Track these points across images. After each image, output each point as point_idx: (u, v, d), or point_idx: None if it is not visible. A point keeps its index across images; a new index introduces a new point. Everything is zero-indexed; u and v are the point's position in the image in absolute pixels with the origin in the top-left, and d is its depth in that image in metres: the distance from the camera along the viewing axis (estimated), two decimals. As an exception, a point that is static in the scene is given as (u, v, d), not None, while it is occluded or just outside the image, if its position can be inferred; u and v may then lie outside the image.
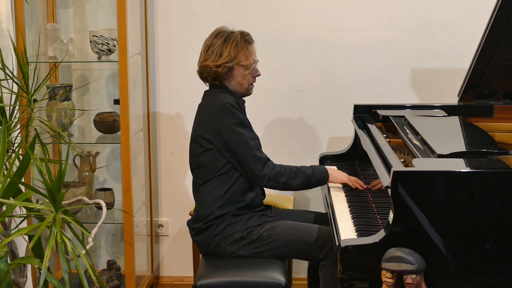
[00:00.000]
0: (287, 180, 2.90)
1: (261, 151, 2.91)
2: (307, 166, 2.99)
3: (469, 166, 2.39)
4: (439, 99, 3.62)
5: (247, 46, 2.96)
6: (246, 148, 2.87)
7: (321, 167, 3.03)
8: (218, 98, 2.92)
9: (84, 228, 2.39)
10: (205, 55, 2.96)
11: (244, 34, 2.97)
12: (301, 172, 2.93)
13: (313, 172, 2.95)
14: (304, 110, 3.74)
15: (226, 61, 2.91)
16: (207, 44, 2.98)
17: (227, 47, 2.92)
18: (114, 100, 3.51)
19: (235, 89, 2.98)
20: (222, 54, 2.91)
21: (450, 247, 2.30)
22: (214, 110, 2.90)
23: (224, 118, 2.87)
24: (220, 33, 2.97)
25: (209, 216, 2.93)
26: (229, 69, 2.93)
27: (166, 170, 3.86)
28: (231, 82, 2.96)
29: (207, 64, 2.93)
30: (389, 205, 2.38)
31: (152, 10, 3.70)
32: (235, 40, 2.93)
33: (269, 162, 2.90)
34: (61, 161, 2.30)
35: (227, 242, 2.91)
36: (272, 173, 2.88)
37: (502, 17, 2.81)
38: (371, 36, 3.64)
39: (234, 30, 2.97)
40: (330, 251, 2.81)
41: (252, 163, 2.87)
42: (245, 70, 2.95)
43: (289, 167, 2.93)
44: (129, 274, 3.49)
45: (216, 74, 2.93)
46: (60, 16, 3.68)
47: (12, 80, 2.77)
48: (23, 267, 2.51)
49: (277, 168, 2.90)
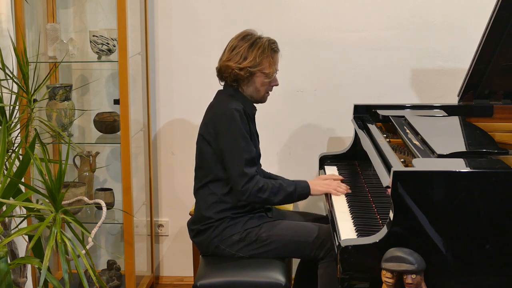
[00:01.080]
0: (269, 197, 2.86)
1: (251, 166, 2.85)
2: (290, 181, 2.97)
3: (469, 166, 2.39)
4: (439, 99, 3.62)
5: (272, 55, 2.94)
6: (237, 160, 2.83)
7: (303, 182, 2.96)
8: (228, 103, 2.90)
9: (84, 228, 2.39)
10: (228, 55, 2.92)
11: (271, 42, 2.95)
12: (283, 189, 2.89)
13: (295, 188, 2.92)
14: (304, 110, 3.74)
15: (250, 66, 2.88)
16: (233, 45, 2.94)
17: (253, 51, 2.89)
18: (114, 100, 3.51)
19: (251, 95, 2.96)
20: (246, 58, 2.89)
21: (450, 247, 2.30)
22: (220, 113, 2.89)
23: (226, 124, 2.85)
24: (248, 36, 2.94)
25: (207, 219, 2.93)
26: (250, 74, 2.90)
27: (166, 170, 3.86)
28: (249, 87, 2.94)
29: (230, 64, 2.90)
30: (389, 205, 2.37)
31: (152, 10, 3.70)
32: (262, 46, 2.91)
33: (255, 178, 2.84)
34: (61, 161, 2.30)
35: (225, 244, 2.91)
36: (254, 189, 2.82)
37: (502, 17, 2.81)
38: (371, 36, 3.64)
39: (262, 36, 2.95)
40: (330, 250, 2.81)
41: (237, 177, 2.83)
42: (265, 78, 2.94)
43: (272, 183, 2.88)
44: (129, 274, 3.49)
45: (237, 77, 2.91)
46: (60, 16, 3.68)
47: (12, 80, 2.77)
48: (23, 267, 2.51)
49: (260, 183, 2.84)
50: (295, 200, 2.97)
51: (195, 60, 3.74)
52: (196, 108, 3.71)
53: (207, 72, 3.71)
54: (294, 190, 2.91)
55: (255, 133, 3.04)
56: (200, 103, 3.68)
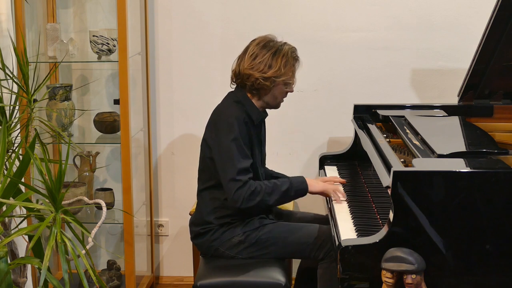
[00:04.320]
0: (263, 198, 2.79)
1: (245, 174, 2.78)
2: (285, 179, 2.90)
3: (469, 166, 2.39)
4: (439, 99, 3.62)
5: (294, 63, 2.91)
6: (230, 168, 2.77)
7: (299, 178, 2.91)
8: (230, 110, 2.85)
9: (84, 228, 2.39)
10: (250, 62, 2.84)
11: (292, 51, 2.91)
12: (277, 188, 2.83)
13: (290, 185, 2.86)
14: (304, 110, 3.74)
15: (275, 76, 2.83)
16: (255, 52, 2.86)
17: (276, 60, 2.84)
18: (114, 100, 3.51)
19: (268, 101, 2.91)
20: (271, 66, 2.83)
21: (450, 247, 2.30)
22: (220, 120, 2.85)
23: (224, 131, 2.81)
24: (270, 43, 2.88)
25: (208, 223, 2.93)
26: (274, 84, 2.86)
27: (166, 170, 3.86)
28: (267, 95, 2.89)
29: (253, 73, 2.83)
30: (389, 205, 2.38)
31: (152, 10, 3.70)
32: (285, 55, 2.86)
33: (247, 183, 2.77)
34: (61, 161, 2.30)
35: (225, 247, 2.90)
36: (246, 194, 2.76)
37: (502, 17, 2.81)
38: (371, 36, 3.64)
39: (282, 43, 2.91)
40: (329, 251, 2.81)
41: (229, 184, 2.77)
42: (286, 87, 2.90)
43: (265, 184, 2.82)
44: (129, 274, 3.49)
45: (260, 86, 2.85)
46: (60, 16, 3.68)
47: (12, 80, 2.77)
48: (23, 267, 2.51)
49: (252, 187, 2.77)
50: (293, 197, 2.91)
51: (195, 60, 3.74)
52: (196, 108, 3.72)
53: (207, 72, 3.72)
54: (289, 187, 2.85)
55: (259, 139, 2.99)
56: (200, 103, 3.70)
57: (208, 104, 3.12)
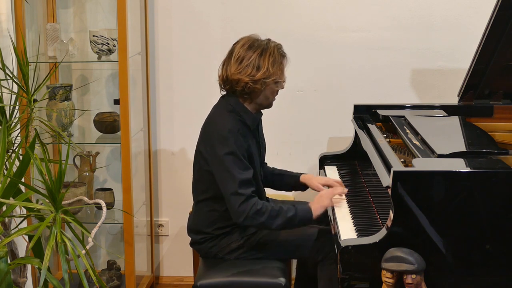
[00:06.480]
0: (267, 220, 2.70)
1: (247, 187, 2.71)
2: (290, 206, 2.78)
3: (469, 166, 2.39)
4: (439, 99, 3.62)
5: (281, 61, 2.82)
6: (231, 182, 2.71)
7: (304, 207, 2.79)
8: (224, 121, 2.78)
9: (84, 228, 2.39)
10: (237, 67, 2.75)
11: (278, 48, 2.83)
12: (283, 213, 2.73)
13: (295, 213, 2.74)
14: (304, 110, 3.74)
15: (264, 77, 2.75)
16: (240, 55, 2.77)
17: (264, 61, 2.75)
18: (114, 100, 3.51)
19: (261, 103, 2.85)
20: (259, 68, 2.75)
21: (450, 247, 2.30)
22: (215, 134, 2.77)
23: (220, 146, 2.73)
24: (255, 44, 2.79)
25: (206, 234, 2.91)
26: (265, 85, 2.78)
27: (166, 170, 3.86)
28: (259, 97, 2.82)
29: (242, 78, 2.74)
30: (389, 205, 2.38)
31: (152, 10, 3.70)
32: (272, 54, 2.78)
33: (252, 199, 2.70)
34: (61, 161, 2.30)
35: (224, 252, 2.89)
36: (251, 211, 2.68)
37: (502, 17, 2.81)
38: (371, 36, 3.64)
39: (267, 42, 2.82)
40: (329, 252, 2.81)
41: (232, 198, 2.70)
42: (276, 86, 2.83)
43: (272, 206, 2.73)
44: (129, 274, 3.49)
45: (251, 89, 2.77)
46: (60, 16, 3.68)
47: (12, 80, 2.77)
48: (23, 267, 2.51)
49: (259, 205, 2.70)
50: (296, 225, 2.80)
51: (195, 60, 3.74)
52: (196, 108, 3.71)
53: (207, 72, 3.72)
54: (294, 214, 2.76)
55: (257, 143, 2.95)
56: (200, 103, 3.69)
57: (208, 104, 3.11)
